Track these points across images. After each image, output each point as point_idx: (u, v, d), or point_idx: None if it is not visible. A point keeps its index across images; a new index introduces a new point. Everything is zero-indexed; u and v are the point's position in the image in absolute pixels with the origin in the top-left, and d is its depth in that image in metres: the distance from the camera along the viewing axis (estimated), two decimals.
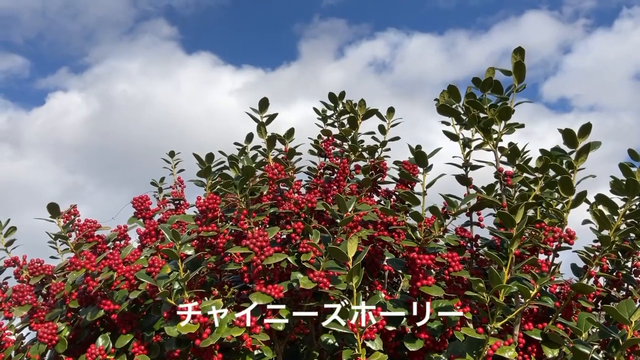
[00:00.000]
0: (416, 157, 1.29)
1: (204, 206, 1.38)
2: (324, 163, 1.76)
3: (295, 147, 1.71)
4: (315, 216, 1.51)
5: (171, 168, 2.07)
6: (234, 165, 1.37)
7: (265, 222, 1.67)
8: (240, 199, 1.33)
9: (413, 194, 1.32)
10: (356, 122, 1.55)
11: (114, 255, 1.44)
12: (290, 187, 1.56)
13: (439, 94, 1.42)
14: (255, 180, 1.42)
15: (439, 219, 1.29)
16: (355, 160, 1.58)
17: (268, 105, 1.57)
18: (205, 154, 1.48)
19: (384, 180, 1.69)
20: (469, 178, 1.47)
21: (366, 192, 1.60)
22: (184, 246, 1.41)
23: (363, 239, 1.41)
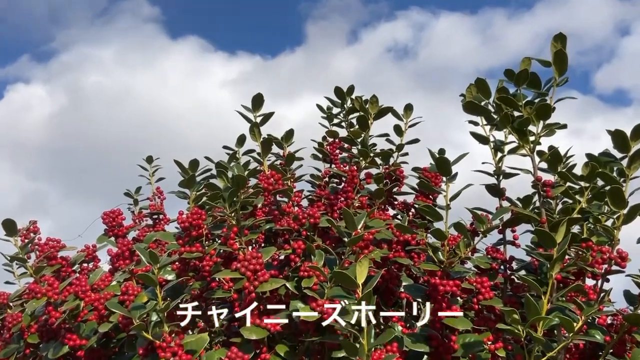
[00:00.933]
0: (438, 164, 1.31)
1: (187, 222, 1.41)
2: (329, 170, 1.79)
3: (296, 151, 1.74)
4: (318, 234, 1.52)
5: (149, 176, 2.09)
6: (223, 174, 1.39)
7: (259, 241, 1.69)
8: (230, 213, 1.36)
9: (435, 207, 1.35)
10: (367, 122, 1.57)
11: (80, 281, 1.47)
12: (289, 199, 1.58)
13: (466, 89, 1.45)
14: (247, 191, 1.45)
15: (466, 237, 1.31)
16: (367, 167, 1.61)
17: (263, 102, 1.60)
18: (189, 161, 1.51)
19: (400, 191, 1.71)
20: (502, 188, 1.48)
21: (379, 206, 1.62)
22: (164, 270, 1.43)
23: (375, 261, 1.43)
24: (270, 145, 1.61)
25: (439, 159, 1.31)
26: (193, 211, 1.40)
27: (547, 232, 1.16)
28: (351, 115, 1.79)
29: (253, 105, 1.59)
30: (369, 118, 1.58)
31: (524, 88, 1.31)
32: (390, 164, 1.70)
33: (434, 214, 1.32)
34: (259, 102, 1.58)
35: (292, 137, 1.72)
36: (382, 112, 1.60)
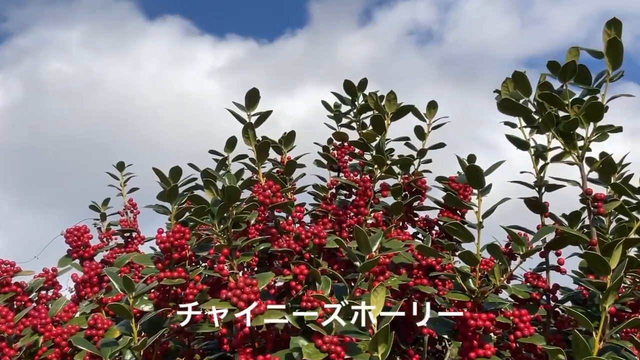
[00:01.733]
0: (468, 174, 1.30)
1: (168, 242, 1.40)
2: (337, 180, 1.79)
3: (297, 157, 1.74)
4: (324, 257, 1.52)
5: (120, 186, 2.10)
6: (211, 185, 1.39)
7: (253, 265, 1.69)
8: (220, 232, 1.36)
9: (464, 225, 1.34)
10: (383, 122, 1.57)
11: (39, 312, 1.46)
12: (289, 214, 1.58)
13: (501, 84, 1.45)
14: (240, 205, 1.44)
15: (501, 261, 1.30)
16: (382, 176, 1.60)
17: (258, 99, 1.60)
18: (169, 168, 1.51)
19: (422, 206, 1.71)
20: (544, 203, 1.48)
21: (397, 223, 1.62)
22: (139, 299, 1.43)
23: (393, 290, 1.43)
24: (267, 150, 1.60)
25: (469, 168, 1.30)
26: (175, 229, 1.40)
27: (599, 255, 1.15)
28: (363, 115, 1.80)
29: (247, 102, 1.59)
30: (386, 118, 1.57)
31: (570, 83, 1.31)
32: (410, 173, 1.70)
33: (463, 234, 1.31)
34: (253, 98, 1.59)
35: (292, 140, 1.72)
36: (401, 111, 1.59)
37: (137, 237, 2.02)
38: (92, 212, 2.07)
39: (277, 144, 1.75)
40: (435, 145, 1.71)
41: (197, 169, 1.62)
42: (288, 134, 1.73)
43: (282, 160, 1.87)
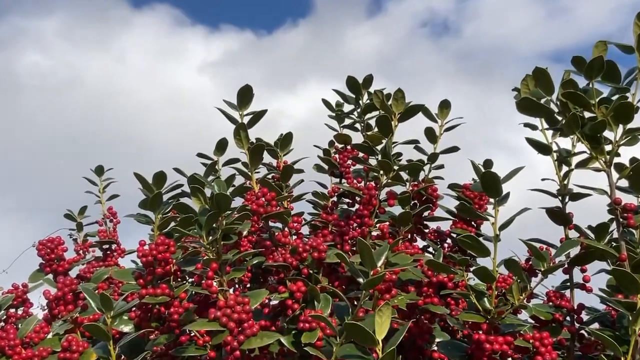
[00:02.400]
0: (484, 181, 1.31)
1: (151, 255, 1.41)
2: (339, 188, 1.79)
3: (295, 162, 1.74)
4: (324, 272, 1.54)
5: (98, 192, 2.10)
6: (199, 192, 1.39)
7: (245, 282, 1.68)
8: (208, 244, 1.36)
9: (479, 238, 1.34)
10: (390, 123, 1.57)
11: (7, 333, 1.46)
12: (286, 225, 1.59)
13: (521, 82, 1.45)
14: (231, 215, 1.45)
15: (521, 278, 1.30)
16: (389, 183, 1.61)
17: (251, 96, 1.60)
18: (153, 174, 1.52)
19: (433, 216, 1.71)
20: (568, 214, 1.48)
21: (405, 235, 1.63)
22: (119, 319, 1.43)
23: (400, 310, 1.43)
24: (261, 154, 1.61)
25: (485, 174, 1.30)
26: (158, 240, 1.40)
27: (628, 272, 1.16)
28: (368, 115, 1.80)
29: (239, 101, 1.60)
30: (393, 118, 1.58)
31: (597, 81, 1.31)
32: (420, 180, 1.70)
33: (478, 247, 1.32)
34: (246, 96, 1.59)
35: (290, 143, 1.73)
36: (410, 111, 1.60)
37: (116, 249, 2.02)
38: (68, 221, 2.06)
39: (272, 146, 1.76)
40: (447, 149, 1.72)
41: (184, 175, 1.63)
42: (285, 136, 1.74)
43: (277, 165, 1.87)
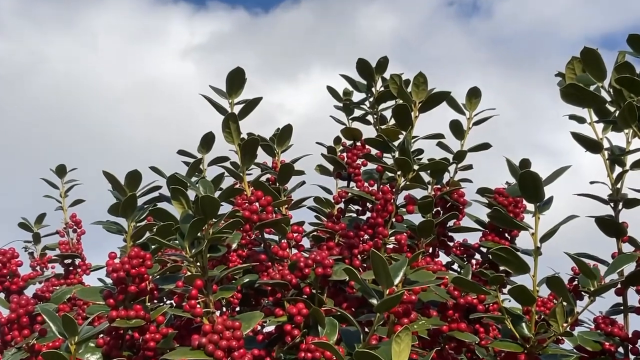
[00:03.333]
0: (522, 184, 1.30)
1: (122, 271, 1.39)
2: (346, 192, 1.78)
3: (295, 160, 1.72)
4: (330, 292, 1.52)
5: (60, 197, 2.09)
6: (180, 195, 1.38)
7: (234, 304, 1.67)
8: (192, 257, 1.35)
9: (515, 251, 1.32)
10: (409, 114, 1.56)
11: None
12: (284, 236, 1.57)
13: (565, 65, 1.44)
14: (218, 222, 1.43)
15: (566, 300, 1.29)
16: (408, 186, 1.60)
17: (244, 81, 1.59)
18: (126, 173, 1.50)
19: (459, 226, 1.70)
20: (622, 223, 1.47)
21: (427, 248, 1.62)
22: (84, 346, 1.41)
23: (421, 337, 1.41)
24: (255, 150, 1.59)
25: (524, 175, 1.29)
26: (132, 253, 1.39)
27: None
28: (383, 105, 1.79)
29: (228, 87, 1.58)
30: (413, 108, 1.57)
31: None
32: (444, 183, 1.70)
33: (515, 263, 1.30)
34: (237, 81, 1.57)
35: (289, 138, 1.71)
36: (433, 99, 1.59)
37: (81, 264, 2.01)
38: (23, 231, 2.06)
39: (268, 142, 1.74)
40: (477, 147, 1.71)
41: (162, 175, 1.62)
42: (283, 129, 1.72)
43: (273, 165, 1.86)
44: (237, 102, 1.59)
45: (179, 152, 1.85)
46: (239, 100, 1.59)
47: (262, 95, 1.58)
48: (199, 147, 1.79)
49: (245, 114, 1.59)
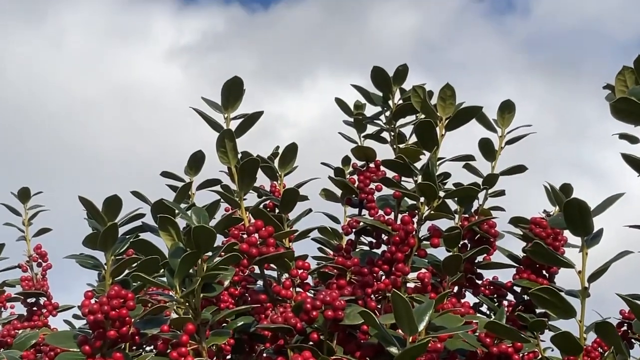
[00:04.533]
0: (568, 213, 1.30)
1: (100, 312, 1.38)
2: (358, 221, 1.78)
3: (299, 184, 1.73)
4: (340, 339, 1.51)
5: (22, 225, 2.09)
6: (168, 224, 1.38)
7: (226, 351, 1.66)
8: (182, 297, 1.35)
9: (559, 292, 1.33)
10: (434, 132, 1.56)
11: None
12: (287, 272, 1.57)
13: (615, 76, 1.44)
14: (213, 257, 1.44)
15: (618, 349, 1.29)
16: (432, 215, 1.60)
17: (241, 92, 1.60)
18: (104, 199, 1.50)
19: (490, 262, 1.71)
20: None
21: (453, 288, 1.63)
22: None
23: None
24: (254, 173, 1.59)
25: (569, 204, 1.30)
26: (111, 292, 1.38)
27: None
28: (401, 120, 1.80)
29: (224, 99, 1.59)
30: (439, 125, 1.57)
31: None
32: (473, 212, 1.70)
33: (558, 305, 1.31)
34: (234, 92, 1.58)
35: (293, 159, 1.72)
36: (461, 115, 1.58)
37: (47, 304, 2.01)
38: None
39: (268, 162, 1.75)
40: (511, 169, 1.72)
41: (146, 201, 1.61)
42: (286, 149, 1.72)
43: (272, 189, 1.86)
44: (234, 116, 1.60)
45: (162, 174, 1.85)
46: (236, 115, 1.60)
47: (261, 104, 1.60)
48: (186, 168, 1.79)
49: (244, 131, 1.60)
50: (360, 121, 1.88)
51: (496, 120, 1.73)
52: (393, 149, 1.82)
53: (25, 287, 2.02)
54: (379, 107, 1.84)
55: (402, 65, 1.75)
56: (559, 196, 1.40)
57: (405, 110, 1.76)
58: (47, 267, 2.08)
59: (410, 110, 1.74)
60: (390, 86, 1.77)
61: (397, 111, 1.79)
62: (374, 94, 1.83)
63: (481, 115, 1.70)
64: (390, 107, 1.80)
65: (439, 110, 1.58)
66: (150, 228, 1.58)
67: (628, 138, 1.49)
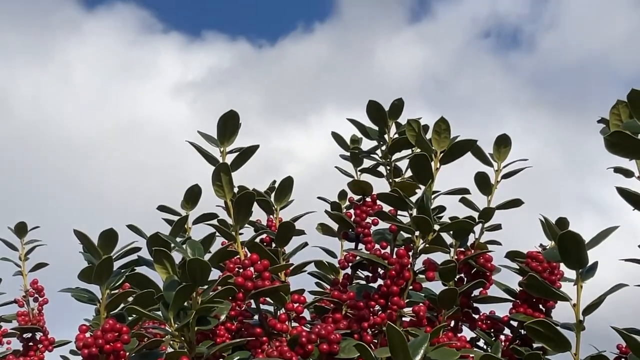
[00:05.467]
0: (563, 246, 1.30)
1: (95, 347, 1.38)
2: (354, 255, 1.78)
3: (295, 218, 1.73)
4: None
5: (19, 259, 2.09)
6: (164, 257, 1.38)
7: None
8: (175, 331, 1.35)
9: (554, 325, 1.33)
10: (429, 165, 1.57)
11: None
12: (283, 306, 1.57)
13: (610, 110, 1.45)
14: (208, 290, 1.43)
15: None
16: (427, 249, 1.60)
17: (237, 126, 1.60)
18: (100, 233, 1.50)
19: (486, 296, 1.70)
20: None
21: (449, 322, 1.62)
22: None
23: None
24: (250, 207, 1.59)
25: (563, 237, 1.29)
26: (106, 326, 1.38)
27: None
28: (397, 154, 1.81)
29: (220, 132, 1.60)
30: (433, 159, 1.58)
31: None
32: (469, 245, 1.70)
33: (553, 339, 1.30)
34: (230, 126, 1.59)
35: (289, 192, 1.71)
36: (456, 149, 1.59)
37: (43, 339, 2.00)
38: None
39: (264, 197, 1.74)
40: (507, 203, 1.72)
41: (142, 234, 1.61)
42: (282, 182, 1.72)
43: (269, 223, 1.86)
44: (229, 150, 1.60)
45: (159, 208, 1.85)
46: (232, 149, 1.61)
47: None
48: (182, 202, 1.79)
49: (240, 165, 1.60)
50: (356, 155, 1.88)
51: (494, 153, 1.73)
52: (389, 183, 1.82)
53: (21, 322, 2.01)
54: (375, 141, 1.85)
55: (397, 99, 1.76)
56: (554, 229, 1.39)
57: (400, 144, 1.77)
58: (44, 302, 2.07)
59: (405, 144, 1.75)
60: (386, 120, 1.78)
61: (393, 145, 1.80)
62: (370, 128, 1.84)
63: (477, 149, 1.70)
64: (386, 141, 1.81)
65: (434, 144, 1.58)
66: (145, 262, 1.57)
67: (623, 172, 1.49)
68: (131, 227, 1.65)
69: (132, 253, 1.60)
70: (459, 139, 1.59)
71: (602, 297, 1.31)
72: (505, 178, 1.74)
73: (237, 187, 1.63)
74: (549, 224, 1.42)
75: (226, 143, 1.60)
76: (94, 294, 1.55)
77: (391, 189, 1.69)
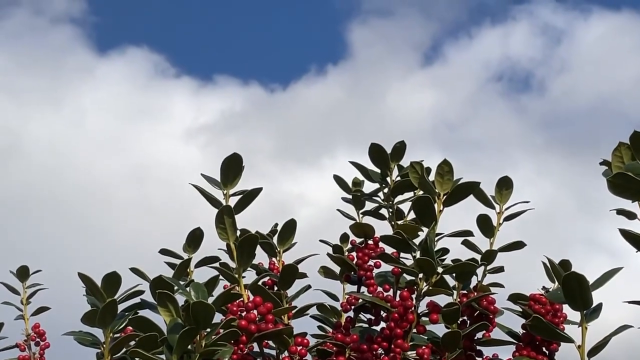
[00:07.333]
0: (567, 288, 1.30)
1: None
2: (357, 298, 1.77)
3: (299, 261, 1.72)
4: None
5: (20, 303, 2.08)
6: (167, 300, 1.37)
7: None
8: None
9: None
10: (432, 207, 1.56)
11: None
12: (286, 349, 1.57)
13: (612, 152, 1.45)
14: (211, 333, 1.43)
15: None
16: (430, 291, 1.59)
17: (240, 169, 1.60)
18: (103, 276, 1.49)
19: (489, 338, 1.69)
20: None
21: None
22: None
23: None
24: (253, 249, 1.58)
25: (567, 279, 1.30)
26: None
27: None
28: (399, 197, 1.81)
29: (223, 175, 1.60)
30: (437, 202, 1.57)
31: None
32: (472, 287, 1.69)
33: None
34: (234, 168, 1.59)
35: (292, 235, 1.71)
36: (459, 191, 1.59)
37: None
38: None
39: (267, 239, 1.74)
40: (509, 246, 1.71)
41: (145, 277, 1.61)
42: (285, 225, 1.72)
43: (271, 266, 1.86)
44: (233, 193, 1.61)
45: (161, 252, 1.84)
46: (235, 191, 1.61)
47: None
48: (184, 245, 1.78)
49: (243, 207, 1.60)
50: (358, 198, 1.88)
51: (496, 196, 1.73)
52: (391, 226, 1.81)
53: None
54: (377, 184, 1.85)
55: (399, 142, 1.77)
56: (558, 271, 1.39)
57: (403, 186, 1.77)
58: (45, 347, 2.07)
59: (408, 187, 1.75)
60: (388, 163, 1.78)
61: (395, 188, 1.80)
62: (372, 171, 1.83)
63: (479, 191, 1.70)
64: (389, 183, 1.81)
65: (437, 186, 1.58)
66: (149, 305, 1.57)
67: (625, 214, 1.49)
68: (134, 270, 1.65)
69: (135, 296, 1.59)
70: (461, 181, 1.59)
71: (607, 338, 1.31)
72: (507, 220, 1.74)
73: (240, 230, 1.63)
74: (553, 265, 1.42)
75: (229, 185, 1.60)
76: (97, 337, 1.54)
77: (394, 231, 1.69)
